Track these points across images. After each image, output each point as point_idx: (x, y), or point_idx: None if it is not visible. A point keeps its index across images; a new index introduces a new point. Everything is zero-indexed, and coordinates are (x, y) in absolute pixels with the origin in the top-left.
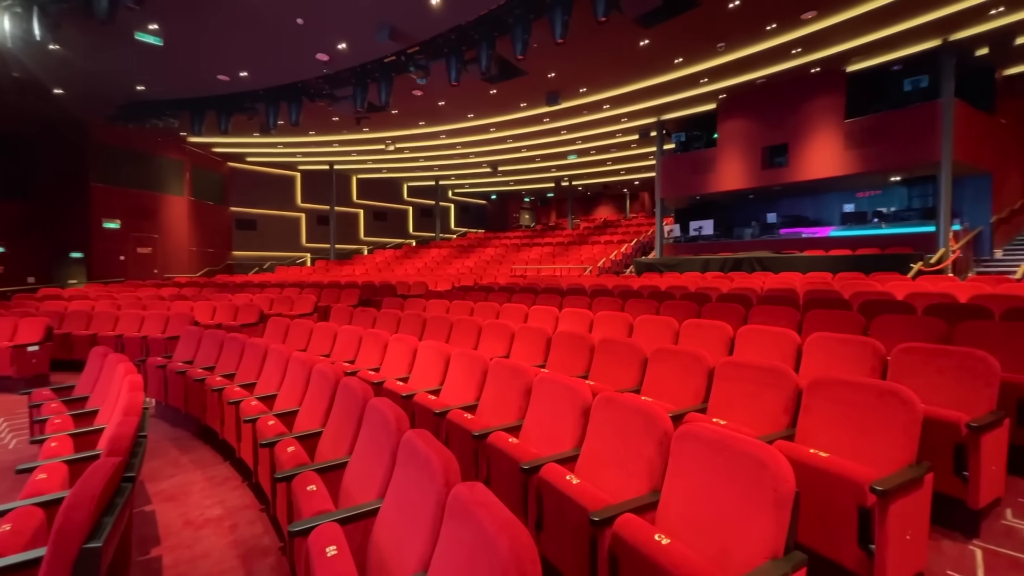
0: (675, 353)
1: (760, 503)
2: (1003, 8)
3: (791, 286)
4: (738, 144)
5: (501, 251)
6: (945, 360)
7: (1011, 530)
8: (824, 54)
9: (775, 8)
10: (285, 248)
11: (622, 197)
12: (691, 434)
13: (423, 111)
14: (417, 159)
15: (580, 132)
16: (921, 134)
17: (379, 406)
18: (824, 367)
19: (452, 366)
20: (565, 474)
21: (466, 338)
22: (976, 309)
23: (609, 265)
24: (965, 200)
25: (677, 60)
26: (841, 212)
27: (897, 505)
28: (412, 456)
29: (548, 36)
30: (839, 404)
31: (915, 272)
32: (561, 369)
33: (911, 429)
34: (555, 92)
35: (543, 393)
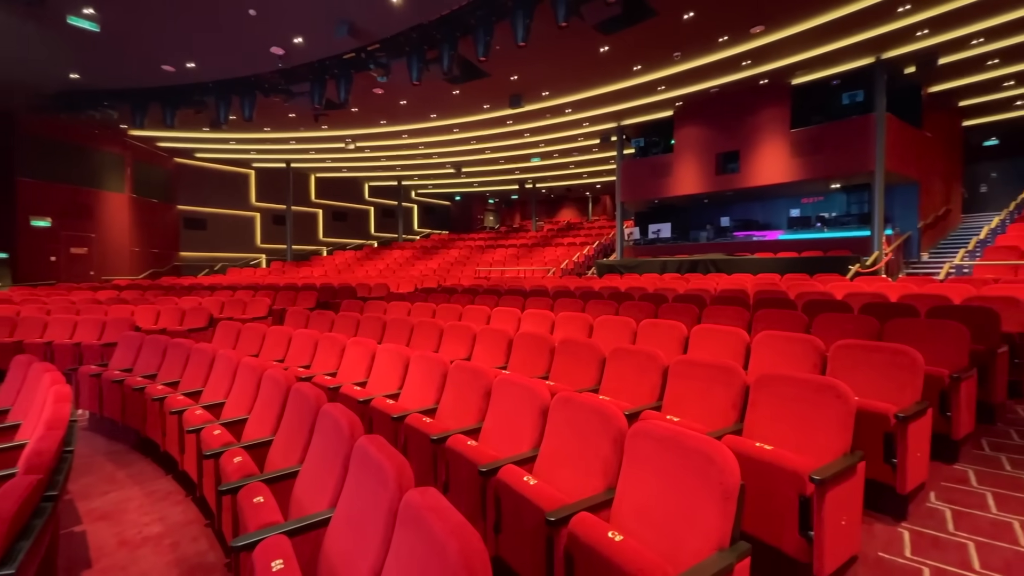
0: (632, 353)
1: (708, 496)
2: (928, 30)
3: (742, 287)
4: (693, 150)
5: (465, 253)
6: (877, 355)
7: (934, 511)
8: (771, 67)
9: (726, 21)
10: (238, 249)
11: (585, 200)
12: (644, 432)
13: (384, 110)
14: (378, 158)
15: (543, 135)
16: (857, 145)
17: (332, 412)
18: (771, 364)
19: (412, 369)
20: (523, 475)
21: (427, 341)
22: (904, 308)
23: (572, 267)
24: (896, 207)
25: (636, 67)
26: (788, 217)
27: (833, 493)
28: (364, 463)
29: (510, 39)
30: (782, 399)
31: (853, 273)
32: (522, 370)
33: (846, 421)
34: (518, 95)
35: (502, 395)
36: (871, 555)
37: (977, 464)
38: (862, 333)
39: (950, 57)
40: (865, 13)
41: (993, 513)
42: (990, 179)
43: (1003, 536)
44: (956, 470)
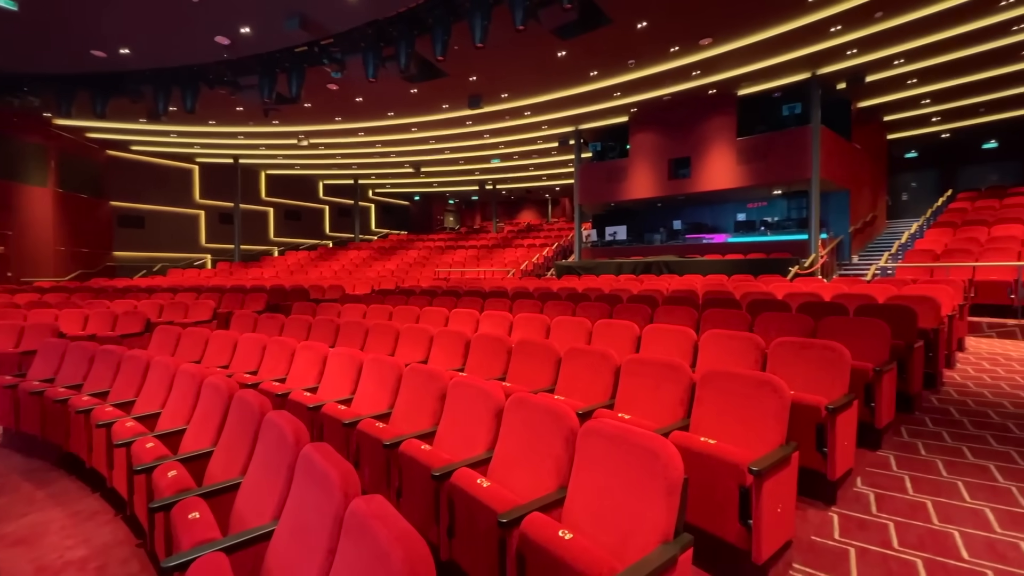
0: (586, 352)
1: (653, 491)
2: (856, 50)
3: (692, 288)
4: (647, 156)
5: (425, 253)
6: (810, 351)
7: (860, 495)
8: (719, 78)
9: (677, 32)
10: (180, 249)
11: (544, 202)
12: (594, 430)
13: (339, 106)
14: (334, 156)
15: (503, 137)
16: (796, 154)
17: (276, 420)
18: (716, 361)
19: (365, 373)
20: (476, 478)
21: (383, 344)
22: (836, 307)
23: (531, 268)
24: (830, 212)
25: (593, 73)
26: (735, 220)
27: (770, 482)
28: (309, 472)
29: (468, 39)
30: (725, 394)
31: (793, 274)
32: (480, 372)
33: (782, 414)
34: (477, 95)
35: (457, 397)
36: (804, 539)
37: (897, 450)
38: (799, 331)
39: (876, 75)
40: (802, 31)
41: (910, 494)
42: (910, 188)
43: (918, 515)
44: (879, 456)
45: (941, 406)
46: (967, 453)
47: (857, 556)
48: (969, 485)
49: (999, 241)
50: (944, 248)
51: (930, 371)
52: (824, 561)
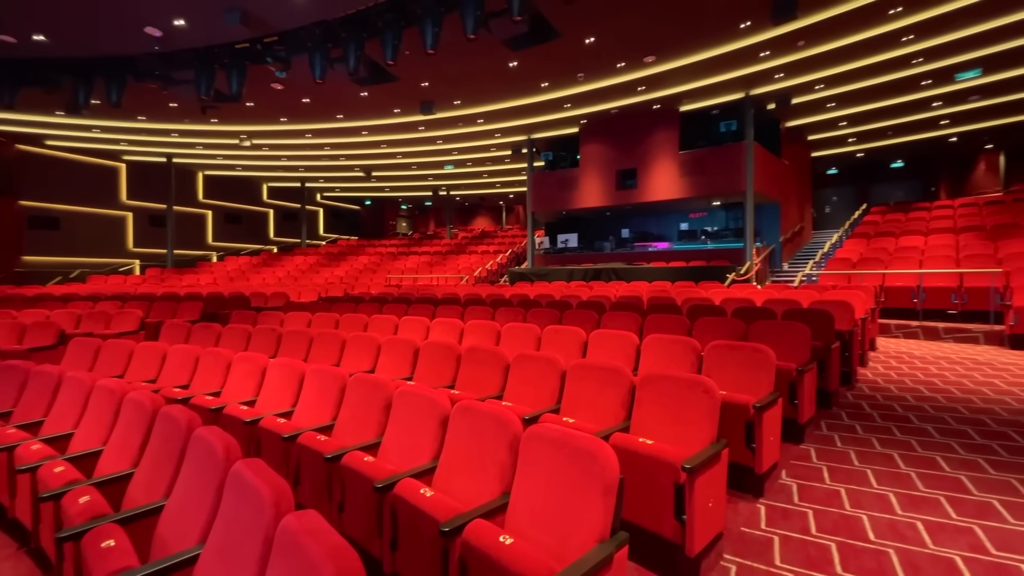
0: (534, 359)
1: (591, 492)
2: (783, 74)
3: (638, 294)
4: (597, 166)
5: (376, 259)
6: (740, 353)
7: (784, 487)
8: (662, 94)
9: (623, 49)
10: (104, 253)
11: (499, 209)
12: (537, 435)
13: (285, 106)
14: (279, 158)
15: (456, 143)
16: (732, 168)
17: (206, 436)
18: (657, 364)
19: (307, 385)
20: (419, 488)
21: (328, 354)
22: (766, 311)
23: (485, 274)
24: (763, 223)
25: (544, 84)
26: (679, 230)
27: (702, 479)
28: (240, 489)
29: (420, 45)
30: (663, 396)
31: (730, 281)
32: (428, 380)
33: (713, 413)
34: (429, 101)
35: (403, 407)
36: (734, 530)
37: (817, 443)
38: (732, 334)
39: (800, 98)
40: (736, 55)
41: (827, 484)
42: (832, 202)
43: (833, 503)
44: (801, 449)
45: (855, 401)
46: (876, 443)
47: (780, 543)
48: (876, 472)
49: (904, 251)
50: (860, 257)
51: (846, 369)
52: (751, 550)
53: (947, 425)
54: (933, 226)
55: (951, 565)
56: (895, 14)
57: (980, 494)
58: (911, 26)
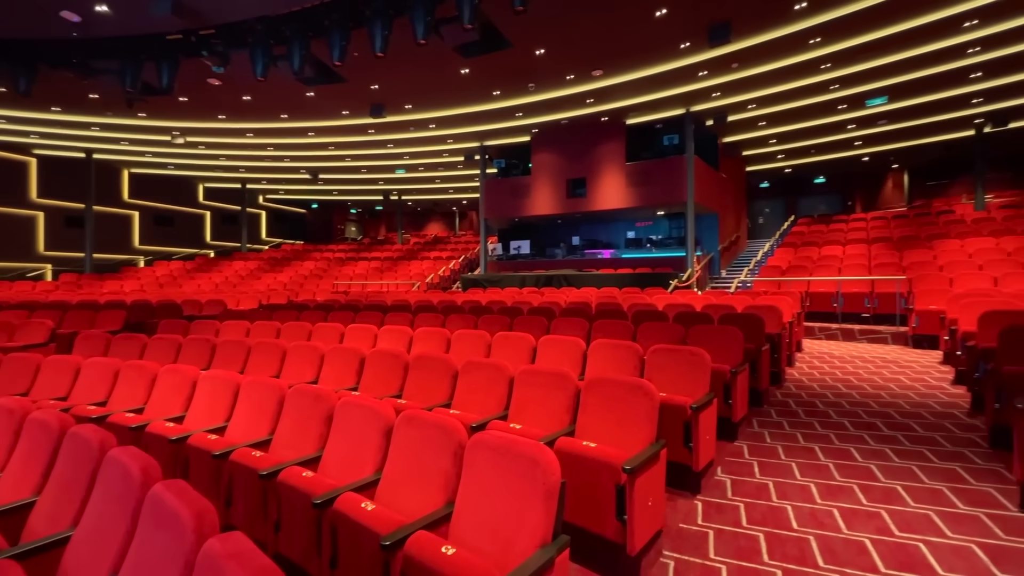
0: (482, 365)
1: (533, 497)
2: (719, 93)
3: (587, 300)
4: (548, 175)
5: (323, 265)
6: (679, 356)
7: (719, 483)
8: (610, 107)
9: (572, 62)
10: (8, 256)
11: (452, 214)
12: (481, 443)
13: (223, 103)
14: (217, 157)
15: (407, 148)
16: (674, 180)
17: (120, 458)
18: (602, 368)
19: (242, 398)
20: (361, 502)
21: (267, 364)
22: (704, 316)
23: (438, 280)
24: (703, 232)
25: (496, 92)
26: (626, 237)
27: (641, 479)
28: (158, 513)
29: (369, 47)
30: (606, 399)
31: (673, 287)
32: (374, 390)
33: (652, 415)
34: (379, 104)
35: (345, 418)
36: (673, 527)
37: (749, 440)
38: (673, 338)
39: (735, 116)
40: (676, 73)
41: (757, 478)
42: (765, 213)
43: (762, 495)
44: (735, 446)
45: (783, 399)
46: (800, 438)
47: (715, 537)
48: (800, 465)
49: (826, 259)
50: (788, 265)
51: (775, 369)
52: (689, 545)
53: (860, 419)
54: (850, 237)
55: (862, 548)
56: (815, 44)
57: (886, 481)
58: (828, 55)
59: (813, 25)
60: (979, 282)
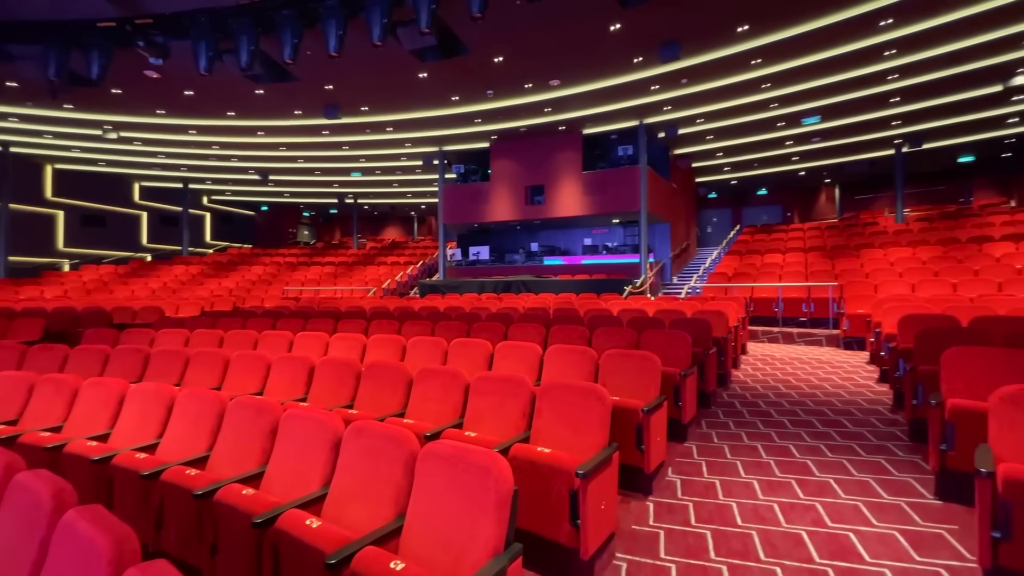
0: (438, 373)
1: (485, 506)
2: (670, 107)
3: (545, 305)
4: (507, 181)
5: (272, 270)
6: (632, 361)
7: (670, 483)
8: (567, 116)
9: (530, 71)
10: None
11: (410, 219)
12: (433, 453)
13: (162, 98)
14: (155, 154)
15: (364, 150)
16: (628, 189)
17: (27, 482)
18: (558, 373)
19: (177, 412)
20: (306, 519)
21: (207, 375)
22: (655, 321)
23: (395, 286)
24: (656, 240)
25: (454, 98)
26: (583, 244)
27: (594, 483)
28: (71, 543)
29: (323, 46)
30: (560, 405)
31: (627, 293)
32: (324, 401)
33: (604, 419)
34: (334, 105)
35: (291, 431)
36: (626, 529)
37: (698, 440)
38: (626, 342)
39: (685, 129)
40: (630, 86)
41: (705, 477)
42: (712, 222)
43: (709, 494)
44: (685, 447)
45: (729, 400)
46: (744, 437)
47: (665, 537)
48: (744, 463)
49: (768, 267)
50: (734, 271)
51: (722, 372)
52: (641, 546)
53: (798, 417)
54: (789, 245)
55: (799, 540)
56: (756, 64)
57: (821, 475)
58: (768, 76)
59: (755, 47)
60: (899, 288)
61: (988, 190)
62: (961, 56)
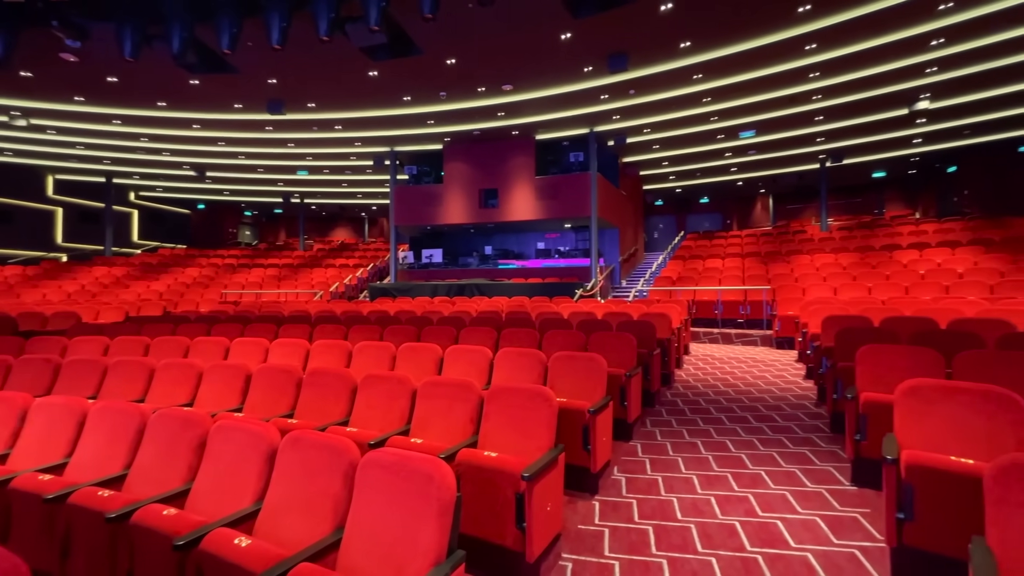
0: (384, 379)
1: (427, 515)
2: (619, 116)
3: (498, 309)
4: (460, 184)
5: (209, 272)
6: (579, 362)
7: (615, 482)
8: (520, 121)
9: (483, 75)
10: None
11: (361, 220)
12: (373, 461)
13: (82, 84)
14: (73, 145)
15: (311, 148)
16: (579, 195)
17: None
18: (508, 377)
19: (90, 427)
20: (235, 538)
21: (128, 387)
22: (603, 323)
23: (343, 290)
24: (605, 245)
25: (406, 98)
26: (536, 248)
27: (540, 485)
28: None
29: (266, 38)
30: (508, 408)
31: (578, 296)
32: (261, 411)
33: (551, 421)
34: (278, 100)
35: (221, 443)
36: (572, 529)
37: (643, 439)
38: (575, 345)
39: (633, 139)
40: (581, 94)
41: (649, 474)
42: (659, 228)
43: (652, 491)
44: (630, 446)
45: (672, 399)
46: (686, 434)
47: (610, 535)
48: (685, 459)
49: (709, 271)
50: (678, 275)
51: (666, 371)
52: (586, 546)
53: (734, 413)
54: (728, 251)
55: (733, 530)
56: (698, 79)
57: (753, 467)
58: (709, 91)
59: (696, 62)
60: (823, 291)
61: (898, 203)
62: (874, 81)
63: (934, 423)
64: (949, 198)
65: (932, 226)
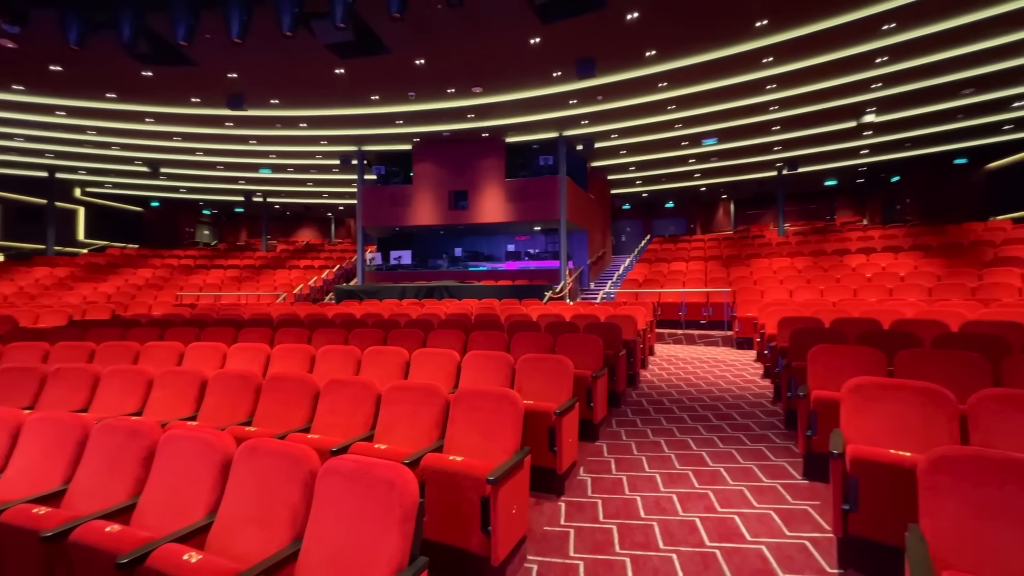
0: (347, 384)
1: (389, 521)
2: (587, 121)
3: (467, 311)
4: (430, 185)
5: (164, 273)
6: (546, 364)
7: (581, 483)
8: (490, 124)
9: (453, 76)
10: None
11: (327, 221)
12: (333, 469)
13: (20, 71)
14: (11, 136)
15: (274, 146)
16: (548, 198)
17: None
18: (475, 380)
19: (24, 440)
20: (183, 553)
21: (69, 395)
22: (571, 325)
23: (308, 292)
24: (574, 247)
25: (374, 97)
26: (506, 250)
27: (505, 488)
28: None
29: (225, 30)
30: (474, 411)
31: (547, 298)
32: (217, 419)
33: (517, 423)
34: (239, 96)
35: (171, 454)
36: (538, 531)
37: (608, 439)
38: (543, 347)
39: (601, 144)
40: (550, 98)
41: (614, 474)
42: (626, 232)
43: (617, 490)
44: (596, 446)
45: (638, 399)
46: (649, 434)
47: (575, 535)
48: (649, 458)
49: (674, 274)
50: (644, 278)
51: (631, 372)
52: (551, 547)
53: (696, 412)
54: (692, 255)
55: (693, 527)
56: (663, 87)
57: (713, 465)
58: (673, 98)
59: (661, 71)
60: (780, 294)
61: (848, 209)
62: (825, 94)
63: (876, 418)
64: (893, 206)
65: (878, 232)
